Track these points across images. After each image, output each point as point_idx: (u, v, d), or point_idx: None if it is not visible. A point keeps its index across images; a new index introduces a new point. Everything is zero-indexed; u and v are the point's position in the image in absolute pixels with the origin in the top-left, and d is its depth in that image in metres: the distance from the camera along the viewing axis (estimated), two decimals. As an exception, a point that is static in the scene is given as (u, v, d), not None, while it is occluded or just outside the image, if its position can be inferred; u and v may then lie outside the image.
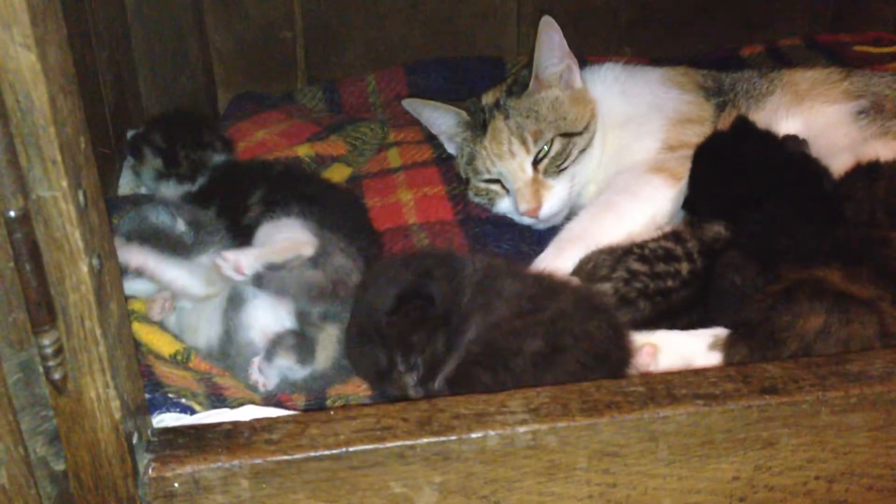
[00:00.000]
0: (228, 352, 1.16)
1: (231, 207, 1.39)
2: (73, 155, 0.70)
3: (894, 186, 1.24)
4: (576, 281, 1.23)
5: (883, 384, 0.86)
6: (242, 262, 1.14)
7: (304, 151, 1.64)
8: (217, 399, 1.06)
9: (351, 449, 0.81)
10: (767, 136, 1.38)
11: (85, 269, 0.71)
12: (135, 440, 0.79)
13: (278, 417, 0.85)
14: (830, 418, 0.86)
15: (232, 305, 1.17)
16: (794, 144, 1.39)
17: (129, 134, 1.57)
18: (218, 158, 1.53)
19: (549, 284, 1.14)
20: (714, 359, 1.12)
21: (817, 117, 1.47)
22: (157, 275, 1.18)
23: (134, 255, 1.18)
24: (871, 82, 1.51)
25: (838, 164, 1.32)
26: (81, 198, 0.71)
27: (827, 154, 1.36)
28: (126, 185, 1.61)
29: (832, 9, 2.26)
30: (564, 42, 1.52)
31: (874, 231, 1.19)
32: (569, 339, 1.04)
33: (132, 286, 1.22)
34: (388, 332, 1.08)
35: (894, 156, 1.28)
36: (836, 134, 1.43)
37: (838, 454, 0.87)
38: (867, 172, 1.27)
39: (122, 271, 1.20)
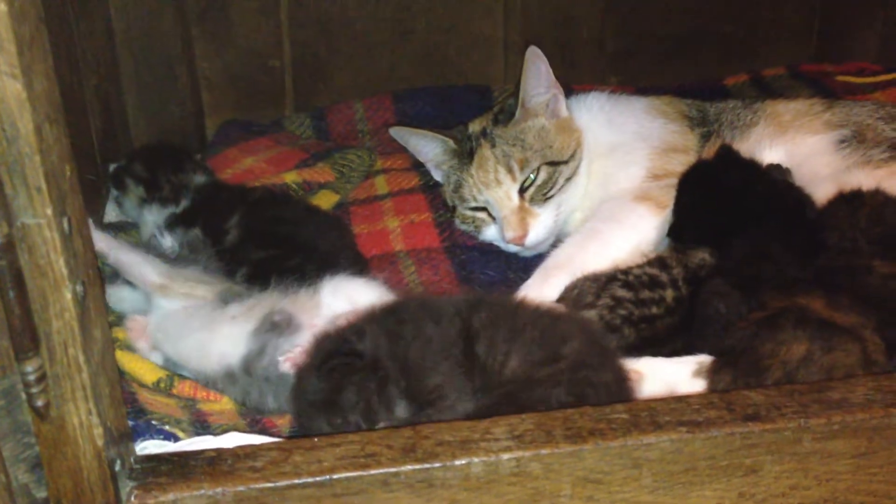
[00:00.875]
0: (252, 372, 1.16)
1: (212, 230, 1.40)
2: (58, 183, 0.70)
3: (876, 215, 1.26)
4: (579, 317, 1.22)
5: (864, 411, 0.86)
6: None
7: (291, 178, 1.64)
8: (201, 426, 1.05)
9: (335, 476, 0.81)
10: (751, 165, 1.39)
11: (69, 295, 0.71)
12: (117, 467, 0.79)
13: (262, 445, 0.85)
14: (813, 445, 0.86)
15: (277, 330, 1.18)
16: (778, 173, 1.41)
17: (111, 168, 1.58)
18: (199, 179, 1.54)
19: (557, 324, 1.11)
20: (698, 386, 1.12)
21: (800, 147, 1.49)
22: (115, 257, 1.24)
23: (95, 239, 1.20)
24: (852, 112, 1.53)
25: (821, 193, 1.33)
26: (66, 225, 0.71)
27: (810, 183, 1.37)
28: (110, 217, 1.61)
29: (816, 39, 2.29)
30: (551, 72, 1.53)
31: (856, 259, 1.20)
32: (590, 390, 1.02)
33: (117, 294, 1.23)
34: (318, 399, 1.02)
35: (876, 184, 1.30)
36: (818, 163, 1.45)
37: (821, 481, 0.87)
38: (849, 201, 1.29)
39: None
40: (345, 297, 1.22)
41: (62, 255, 0.70)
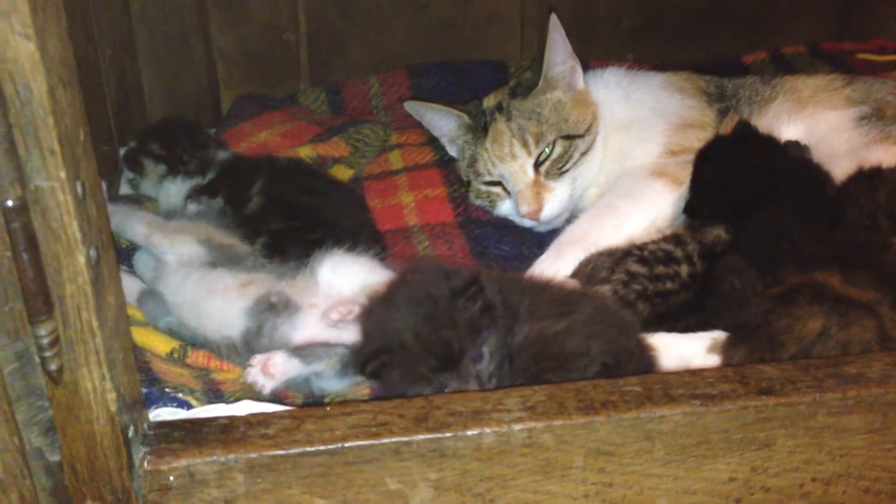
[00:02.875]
0: (253, 349, 1.16)
1: (234, 198, 1.40)
2: (71, 146, 0.70)
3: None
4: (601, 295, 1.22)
5: (880, 386, 0.86)
6: (272, 363, 1.12)
7: (305, 153, 1.64)
8: (214, 395, 1.06)
9: (346, 444, 0.81)
10: (769, 141, 1.38)
11: (82, 260, 0.71)
12: (130, 433, 0.79)
13: (274, 413, 0.85)
14: (827, 420, 0.85)
15: (274, 311, 1.18)
16: (796, 149, 1.40)
17: (122, 151, 1.57)
18: (223, 155, 1.54)
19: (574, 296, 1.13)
20: (713, 362, 1.12)
21: (819, 123, 1.47)
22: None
23: None
24: (872, 89, 1.51)
25: (839, 170, 1.32)
26: (79, 189, 0.71)
27: (828, 160, 1.36)
28: (126, 190, 1.61)
29: (837, 17, 2.26)
30: (568, 43, 1.52)
31: (875, 235, 1.19)
32: (625, 355, 1.03)
33: (142, 259, 1.28)
34: (459, 315, 1.02)
35: (895, 162, 1.28)
36: (837, 140, 1.43)
37: (835, 456, 0.87)
38: (869, 178, 1.27)
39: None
40: (344, 275, 1.20)
41: (76, 219, 0.70)
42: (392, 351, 1.02)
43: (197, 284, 1.21)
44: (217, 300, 1.19)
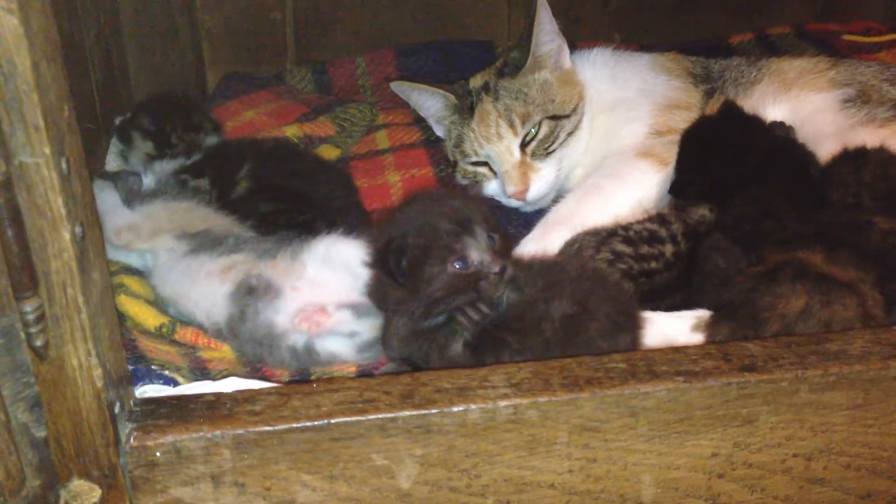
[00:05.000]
0: (238, 335, 1.16)
1: (221, 182, 1.40)
2: (56, 122, 0.70)
3: (881, 171, 1.25)
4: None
5: (861, 363, 0.86)
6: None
7: (292, 132, 1.64)
8: (201, 372, 1.06)
9: (333, 421, 0.81)
10: (754, 121, 1.38)
11: (67, 236, 0.71)
12: (117, 409, 0.79)
13: (261, 389, 0.86)
14: (809, 396, 0.86)
15: (254, 295, 1.17)
16: (781, 130, 1.40)
17: (117, 120, 1.56)
18: (210, 140, 1.54)
19: (553, 262, 1.14)
20: (697, 340, 1.13)
21: (804, 105, 1.48)
22: None
23: None
24: (857, 71, 1.52)
25: (824, 151, 1.33)
26: (64, 165, 0.70)
27: (813, 140, 1.37)
28: (111, 166, 1.60)
29: (823, -2, 2.27)
30: (554, 21, 1.52)
31: (859, 215, 1.20)
32: (596, 299, 1.04)
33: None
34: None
35: (880, 142, 1.29)
36: (822, 121, 1.44)
37: (816, 432, 0.88)
38: (854, 158, 1.28)
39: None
40: (337, 264, 1.18)
41: (60, 195, 0.70)
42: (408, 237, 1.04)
43: (181, 276, 1.21)
44: (201, 287, 1.19)
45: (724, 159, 1.32)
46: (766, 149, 1.33)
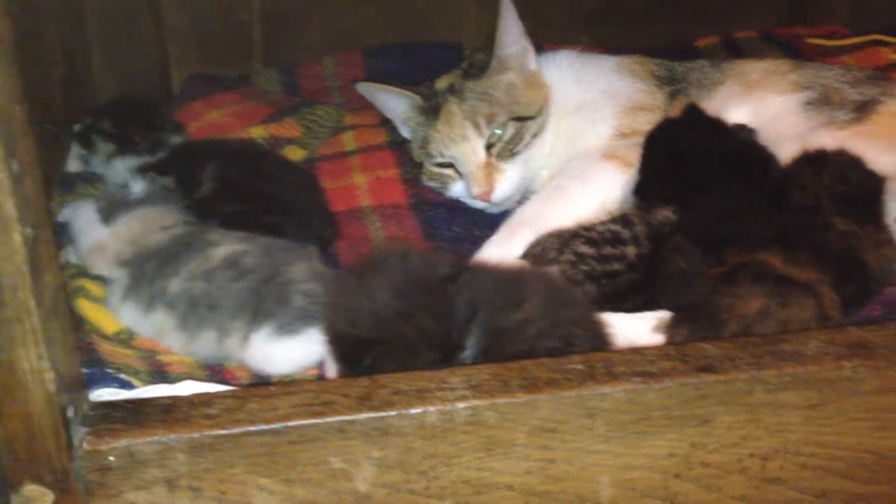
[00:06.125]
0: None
1: (185, 181, 1.39)
2: (6, 123, 0.69)
3: (840, 174, 1.26)
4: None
5: (816, 363, 0.87)
6: None
7: (257, 133, 1.63)
8: (160, 376, 1.05)
9: (290, 424, 0.81)
10: (717, 124, 1.39)
11: (18, 239, 0.71)
12: (70, 413, 0.78)
13: (217, 392, 0.85)
14: (765, 397, 0.87)
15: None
16: (744, 132, 1.41)
17: (77, 126, 1.55)
18: (174, 139, 1.53)
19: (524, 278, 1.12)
20: (658, 341, 1.13)
21: (766, 107, 1.49)
22: None
23: None
24: (819, 74, 1.53)
25: (785, 153, 1.34)
26: (15, 167, 0.70)
27: (775, 142, 1.38)
28: (73, 168, 1.59)
29: (789, 3, 2.29)
30: (520, 23, 1.53)
31: (818, 217, 1.21)
32: (578, 333, 1.03)
33: None
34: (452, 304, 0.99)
35: (839, 145, 1.30)
36: (783, 123, 1.45)
37: (772, 432, 0.88)
38: (814, 161, 1.29)
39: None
40: (275, 362, 1.12)
41: (11, 198, 0.69)
42: (386, 341, 0.98)
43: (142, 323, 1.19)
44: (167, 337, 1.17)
45: (686, 161, 1.33)
46: (729, 151, 1.34)
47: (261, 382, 1.06)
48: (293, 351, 1.10)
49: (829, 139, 1.35)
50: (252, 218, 1.29)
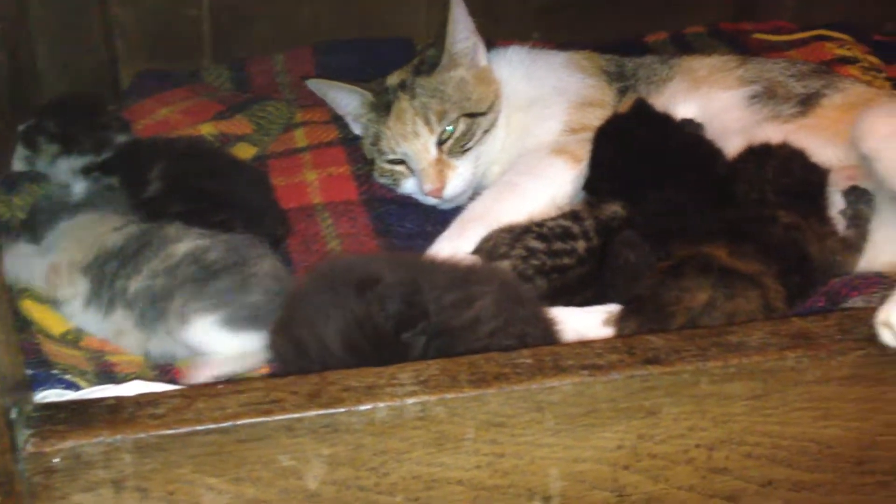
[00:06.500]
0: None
1: (131, 181, 1.37)
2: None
3: (783, 167, 1.29)
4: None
5: (760, 354, 0.89)
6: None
7: (207, 130, 1.62)
8: (107, 376, 1.04)
9: (238, 422, 0.81)
10: (665, 119, 1.41)
11: (-44, 239, 0.69)
12: (13, 415, 0.77)
13: (164, 392, 0.85)
14: (710, 388, 0.88)
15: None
16: (691, 127, 1.43)
17: (21, 127, 1.52)
18: (120, 138, 1.51)
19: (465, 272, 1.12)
20: (608, 334, 1.14)
21: (713, 102, 1.51)
22: None
23: None
24: (764, 69, 1.56)
25: (732, 147, 1.36)
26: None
27: (721, 137, 1.40)
28: (18, 167, 1.56)
29: (737, -1, 2.32)
30: (471, 19, 1.53)
31: (763, 210, 1.23)
32: (531, 332, 1.04)
33: None
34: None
35: (783, 138, 1.33)
36: (730, 118, 1.47)
37: (718, 423, 0.90)
38: (758, 154, 1.31)
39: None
40: (214, 348, 1.13)
41: (-52, 197, 0.68)
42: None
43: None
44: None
45: (635, 156, 1.35)
46: (676, 146, 1.36)
47: (209, 382, 1.06)
48: (233, 345, 1.11)
49: (773, 133, 1.37)
50: (201, 217, 1.28)
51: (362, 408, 0.83)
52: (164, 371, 1.10)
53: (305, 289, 1.06)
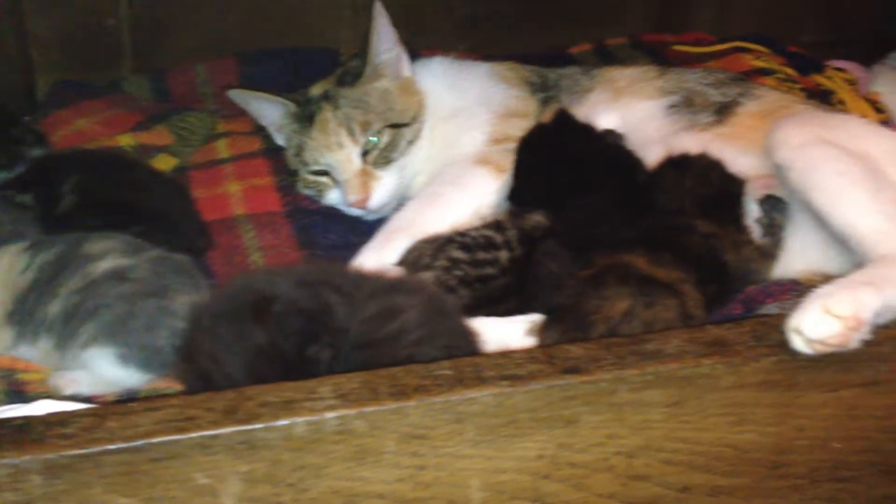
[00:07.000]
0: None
1: (45, 196, 1.34)
2: None
3: (701, 177, 1.31)
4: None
5: (677, 361, 0.90)
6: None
7: (126, 141, 1.59)
8: (17, 395, 1.01)
9: (151, 441, 0.79)
10: (587, 129, 1.43)
11: None
12: (-87, 438, 0.74)
13: (74, 411, 0.83)
14: (628, 396, 0.89)
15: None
16: (612, 137, 1.45)
17: None
18: (36, 151, 1.47)
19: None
20: (531, 344, 1.15)
21: (633, 112, 1.53)
22: None
23: None
24: (683, 78, 1.58)
25: (652, 157, 1.38)
26: None
27: (642, 147, 1.42)
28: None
29: (658, 10, 2.35)
30: (394, 30, 1.53)
31: (681, 218, 1.25)
32: (459, 345, 1.04)
33: None
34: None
35: (701, 147, 1.35)
36: (650, 128, 1.49)
37: (636, 430, 0.90)
38: (677, 164, 1.34)
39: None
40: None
41: None
42: None
43: None
44: None
45: (557, 166, 1.36)
46: (598, 156, 1.38)
47: (124, 400, 1.03)
48: (124, 379, 1.09)
49: (691, 142, 1.40)
50: (117, 230, 1.25)
51: (280, 423, 0.82)
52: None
53: (206, 316, 1.03)
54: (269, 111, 1.61)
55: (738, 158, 1.35)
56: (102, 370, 1.08)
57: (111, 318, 1.08)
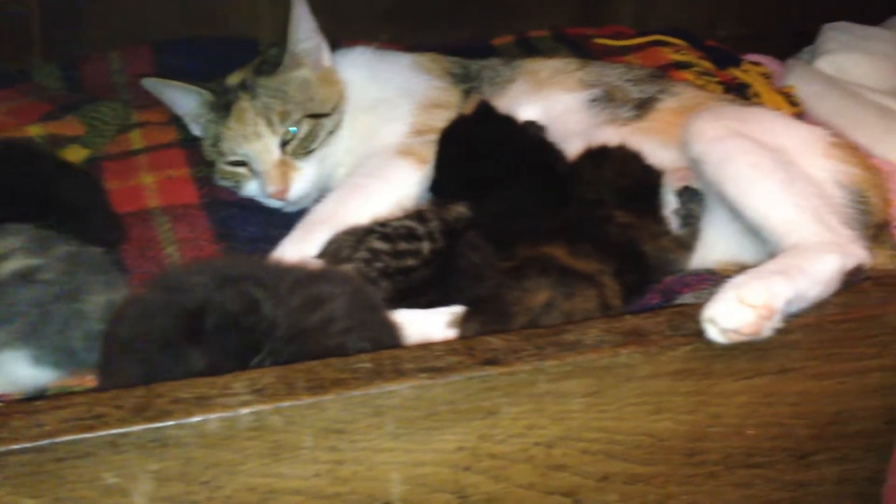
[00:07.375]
0: None
1: None
2: None
3: (620, 168, 1.32)
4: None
5: (595, 352, 0.90)
6: None
7: (35, 131, 1.53)
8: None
9: (57, 440, 0.77)
10: (508, 121, 1.42)
11: None
12: None
13: (-25, 411, 0.79)
14: (548, 386, 0.89)
15: None
16: (534, 129, 1.45)
17: None
18: None
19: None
20: (452, 335, 1.14)
21: (554, 104, 1.53)
22: None
23: None
24: (604, 72, 1.59)
25: (572, 149, 1.39)
26: None
27: (563, 139, 1.42)
28: None
29: (580, 4, 2.37)
30: (313, 19, 1.51)
31: (600, 209, 1.26)
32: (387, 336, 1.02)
33: None
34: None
35: (621, 140, 1.36)
36: (571, 120, 1.50)
37: (555, 420, 0.91)
38: (596, 156, 1.34)
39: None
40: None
41: None
42: None
43: None
44: None
45: (478, 157, 1.36)
46: (519, 147, 1.38)
47: (28, 398, 1.00)
48: (38, 379, 1.06)
49: (611, 135, 1.41)
50: (23, 223, 1.20)
51: (192, 420, 0.80)
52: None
53: (136, 340, 0.97)
54: (185, 100, 1.57)
55: (657, 152, 1.36)
56: (16, 371, 1.04)
57: (23, 324, 1.04)
